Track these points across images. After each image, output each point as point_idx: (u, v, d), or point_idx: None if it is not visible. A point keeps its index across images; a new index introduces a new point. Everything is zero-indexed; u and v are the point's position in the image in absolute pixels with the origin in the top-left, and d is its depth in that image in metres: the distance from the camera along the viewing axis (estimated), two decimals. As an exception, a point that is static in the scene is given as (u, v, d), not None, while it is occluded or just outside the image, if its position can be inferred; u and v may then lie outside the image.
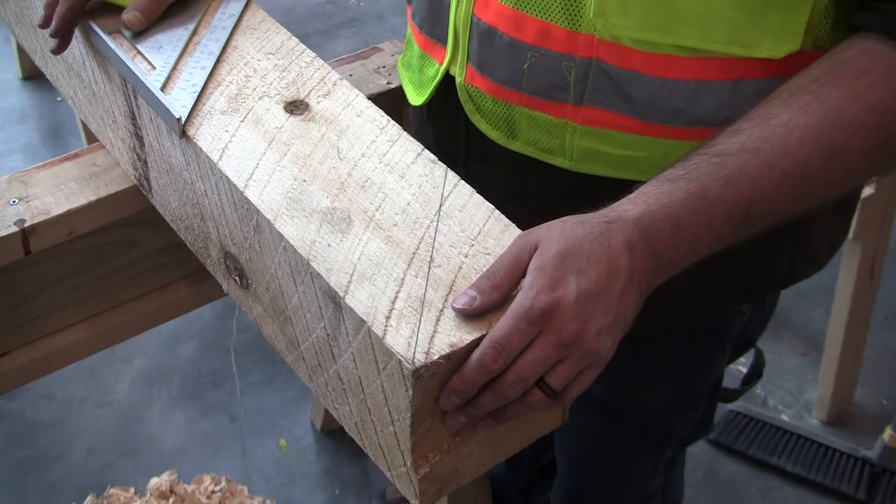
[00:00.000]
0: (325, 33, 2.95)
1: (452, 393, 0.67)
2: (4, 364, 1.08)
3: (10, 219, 1.00)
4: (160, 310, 1.16)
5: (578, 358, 0.68)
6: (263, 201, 0.76)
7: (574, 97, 0.84)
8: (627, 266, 0.69)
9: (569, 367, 0.68)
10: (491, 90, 0.89)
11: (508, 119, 0.90)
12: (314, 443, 1.86)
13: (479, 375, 0.67)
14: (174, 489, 1.63)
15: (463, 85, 0.92)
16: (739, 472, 1.81)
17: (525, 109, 0.87)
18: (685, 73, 0.80)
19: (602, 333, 0.68)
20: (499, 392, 0.68)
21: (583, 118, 0.85)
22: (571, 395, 0.70)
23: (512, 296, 0.68)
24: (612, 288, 0.68)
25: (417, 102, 1.00)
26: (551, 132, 0.87)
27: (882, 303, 1.86)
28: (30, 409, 1.91)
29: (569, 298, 0.67)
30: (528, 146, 0.90)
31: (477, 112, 0.92)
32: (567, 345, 0.67)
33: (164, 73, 0.88)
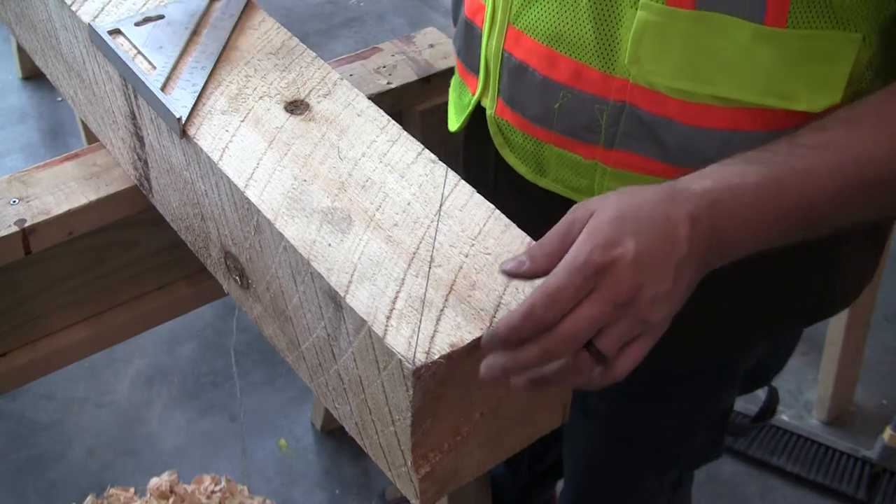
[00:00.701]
0: (325, 33, 2.95)
1: (494, 337, 0.64)
2: (4, 364, 1.08)
3: (10, 219, 1.00)
4: (160, 310, 1.16)
5: (631, 322, 0.65)
6: (264, 201, 0.76)
7: (605, 140, 0.82)
8: (687, 238, 0.66)
9: (621, 330, 0.65)
10: (521, 125, 0.88)
11: (538, 155, 0.88)
12: (314, 443, 1.86)
13: (528, 324, 0.63)
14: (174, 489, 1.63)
15: (493, 118, 0.91)
16: (739, 472, 1.81)
17: (555, 148, 0.86)
18: (720, 122, 0.78)
19: (657, 300, 0.65)
20: (547, 347, 0.64)
21: (613, 161, 0.83)
22: (622, 366, 0.66)
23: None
24: (670, 255, 0.66)
25: (453, 128, 1.00)
26: (580, 172, 0.86)
27: (882, 303, 1.86)
28: (30, 409, 1.90)
29: (626, 257, 0.64)
30: (557, 184, 0.88)
31: (506, 145, 0.91)
32: (622, 304, 0.64)
33: (165, 73, 0.88)
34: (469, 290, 0.69)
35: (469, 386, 0.69)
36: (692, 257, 0.67)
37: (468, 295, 0.69)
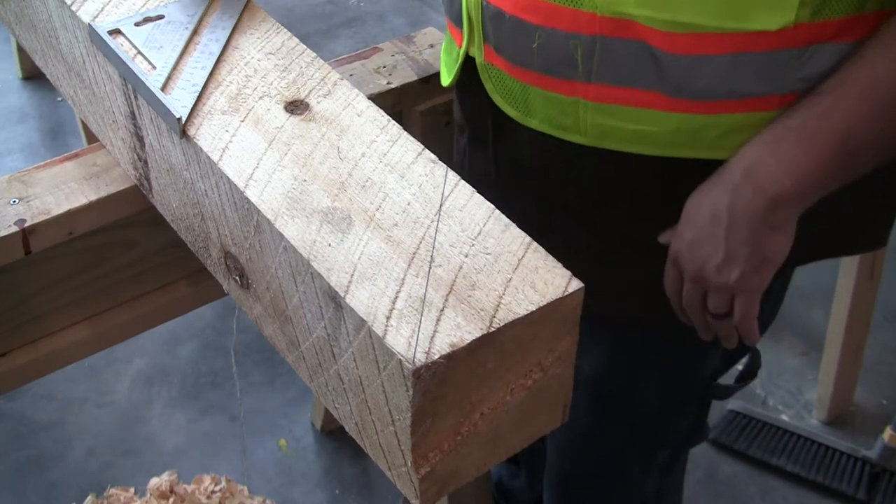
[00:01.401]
0: (325, 33, 2.95)
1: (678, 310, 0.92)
2: (4, 364, 1.08)
3: (10, 219, 1.00)
4: (160, 310, 1.16)
5: (714, 290, 0.86)
6: (264, 201, 0.76)
7: (583, 74, 0.85)
8: (727, 210, 0.82)
9: (712, 298, 0.87)
10: (507, 69, 0.91)
11: (524, 97, 0.91)
12: (314, 443, 1.86)
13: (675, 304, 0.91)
14: (174, 489, 1.63)
15: (483, 65, 0.93)
16: (739, 472, 1.81)
17: (538, 89, 0.89)
18: (685, 47, 0.81)
19: (721, 268, 0.84)
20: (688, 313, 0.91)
21: (594, 95, 0.86)
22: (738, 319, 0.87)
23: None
24: (715, 232, 0.83)
25: (446, 82, 1.02)
26: (564, 110, 0.89)
27: (882, 303, 1.86)
28: (30, 409, 1.91)
29: (682, 248, 0.86)
30: (545, 124, 0.91)
31: (497, 91, 0.93)
32: (695, 280, 0.87)
33: (165, 73, 0.88)
34: (469, 290, 0.69)
35: (469, 386, 0.69)
36: (739, 223, 0.82)
37: (468, 295, 0.69)
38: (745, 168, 0.82)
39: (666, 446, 1.18)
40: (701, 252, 0.85)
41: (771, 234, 0.83)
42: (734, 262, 0.84)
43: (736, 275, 0.84)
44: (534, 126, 0.92)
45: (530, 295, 0.69)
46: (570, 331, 0.72)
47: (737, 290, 0.85)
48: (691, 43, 0.80)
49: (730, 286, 0.85)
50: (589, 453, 1.20)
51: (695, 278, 0.86)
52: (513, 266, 0.71)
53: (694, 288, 0.87)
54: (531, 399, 0.74)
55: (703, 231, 0.84)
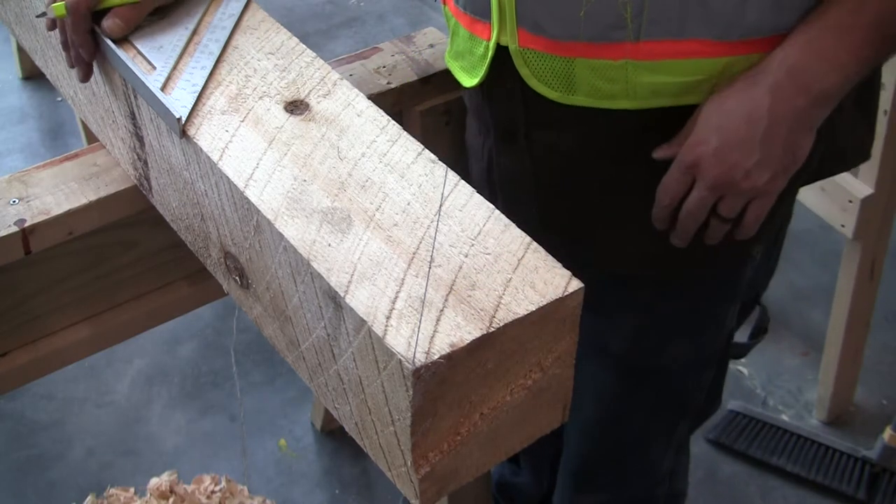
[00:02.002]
0: (325, 33, 2.95)
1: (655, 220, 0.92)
2: (4, 364, 1.08)
3: (10, 219, 1.00)
4: (160, 310, 1.16)
5: (736, 194, 0.87)
6: (264, 201, 0.76)
7: (632, 33, 0.86)
8: (768, 111, 0.83)
9: (730, 202, 0.87)
10: (547, 48, 0.90)
11: (567, 74, 0.91)
12: (314, 443, 1.86)
13: (659, 210, 0.91)
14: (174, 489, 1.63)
15: (518, 51, 0.92)
16: (739, 472, 1.81)
17: (584, 60, 0.89)
18: None
19: (752, 172, 0.85)
20: (682, 223, 0.90)
21: (644, 53, 0.87)
22: (748, 222, 0.89)
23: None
24: (751, 135, 0.84)
25: (471, 83, 1.01)
26: (612, 77, 0.89)
27: (882, 303, 1.86)
28: (30, 409, 1.91)
29: (708, 151, 0.85)
30: (589, 98, 0.91)
31: (533, 76, 0.93)
32: (716, 187, 0.86)
33: (165, 73, 0.88)
34: (469, 290, 0.69)
35: (469, 386, 0.69)
36: (780, 122, 0.83)
37: (468, 295, 0.69)
38: (788, 68, 0.82)
39: (686, 417, 1.19)
40: (731, 157, 0.84)
41: (807, 134, 0.85)
42: (768, 164, 0.84)
43: (767, 177, 0.85)
44: (578, 103, 0.92)
45: (530, 295, 0.69)
46: (569, 331, 0.72)
47: (761, 193, 0.86)
48: None
49: (758, 189, 0.86)
50: (613, 432, 1.21)
51: (717, 185, 0.86)
52: (513, 266, 0.71)
53: (711, 195, 0.87)
54: (531, 399, 0.74)
55: (735, 135, 0.84)
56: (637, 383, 1.14)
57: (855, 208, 1.59)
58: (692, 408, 1.18)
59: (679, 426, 1.19)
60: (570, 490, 1.30)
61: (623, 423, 1.19)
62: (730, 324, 1.11)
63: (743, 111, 0.84)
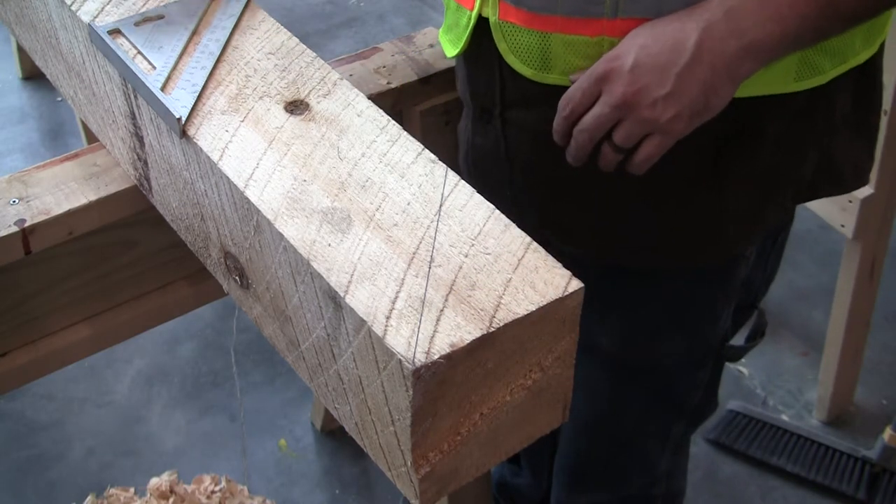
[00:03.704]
0: (325, 33, 2.95)
1: (554, 131, 0.88)
2: (4, 364, 1.08)
3: (10, 219, 1.00)
4: (160, 310, 1.16)
5: (635, 121, 0.81)
6: (264, 201, 0.76)
7: (609, 9, 0.85)
8: (695, 45, 0.79)
9: (627, 128, 0.82)
10: (526, 21, 0.89)
11: (543, 50, 0.90)
12: (314, 443, 1.86)
13: (558, 121, 0.87)
14: (174, 489, 1.63)
15: (497, 23, 0.92)
16: (739, 472, 1.81)
17: (560, 35, 0.88)
18: None
19: (658, 102, 0.80)
20: (576, 137, 0.85)
21: (619, 30, 0.86)
22: (640, 158, 0.84)
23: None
24: (671, 63, 0.79)
25: (453, 52, 1.00)
26: (588, 53, 0.88)
27: (882, 303, 1.86)
28: (30, 409, 1.91)
29: (623, 67, 0.81)
30: (564, 75, 0.90)
31: (511, 51, 0.92)
32: (619, 106, 0.81)
33: (165, 73, 0.88)
34: (469, 290, 0.69)
35: (469, 386, 0.69)
36: (702, 61, 0.79)
37: (468, 295, 0.69)
38: (726, 9, 0.79)
39: (682, 418, 1.18)
40: (643, 79, 0.80)
41: (727, 84, 0.80)
42: (677, 100, 0.80)
43: (671, 114, 0.80)
44: (551, 81, 0.91)
45: (530, 295, 0.69)
46: (569, 331, 0.72)
47: (660, 129, 0.81)
48: None
49: (658, 123, 0.81)
50: (608, 430, 1.20)
51: (620, 104, 0.81)
52: (513, 266, 0.71)
53: (611, 113, 0.82)
54: (531, 399, 0.74)
55: (656, 59, 0.79)
56: (629, 382, 1.14)
57: (855, 208, 1.59)
58: (687, 408, 1.17)
59: (674, 426, 1.19)
60: (566, 490, 1.29)
61: (616, 422, 1.19)
62: (723, 324, 1.10)
63: (670, 38, 0.80)
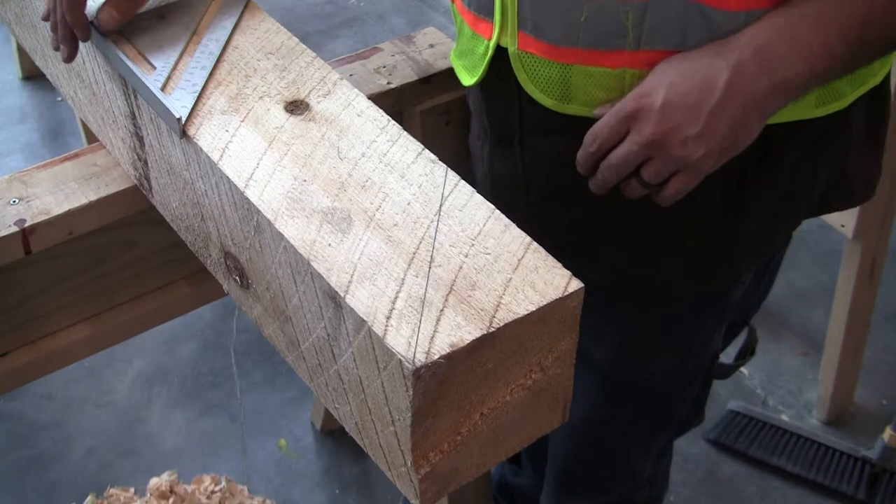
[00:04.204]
0: (325, 33, 2.95)
1: (578, 163, 0.86)
2: (4, 364, 1.08)
3: (10, 219, 1.00)
4: (160, 310, 1.16)
5: (665, 160, 0.81)
6: (264, 201, 0.76)
7: (632, 42, 0.84)
8: (725, 84, 0.78)
9: (657, 166, 0.81)
10: (545, 52, 0.89)
11: (564, 81, 0.89)
12: (314, 443, 1.86)
13: (584, 155, 0.85)
14: (174, 489, 1.63)
15: (516, 53, 0.91)
16: (739, 472, 1.81)
17: (581, 67, 0.87)
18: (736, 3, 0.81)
19: (689, 141, 0.79)
20: (602, 172, 0.84)
21: (641, 63, 0.85)
22: (669, 193, 0.83)
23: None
24: (702, 102, 0.79)
25: (470, 82, 0.99)
26: (609, 85, 0.88)
27: (882, 303, 1.86)
28: (30, 409, 1.91)
29: (653, 105, 0.80)
30: (585, 106, 0.90)
31: (530, 81, 0.92)
32: (648, 145, 0.80)
33: (165, 73, 0.88)
34: (469, 290, 0.69)
35: (469, 386, 0.69)
36: (734, 100, 0.79)
37: (468, 295, 0.69)
38: (756, 47, 0.78)
39: (668, 428, 1.18)
40: (674, 118, 0.79)
41: (756, 121, 0.80)
42: (708, 139, 0.79)
43: (701, 153, 0.80)
44: (572, 112, 0.91)
45: (530, 295, 0.69)
46: (570, 331, 0.72)
47: (690, 167, 0.81)
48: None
49: (688, 162, 0.80)
50: (595, 439, 1.21)
51: (650, 143, 0.80)
52: (513, 266, 0.71)
53: (640, 152, 0.81)
54: (531, 399, 0.74)
55: (686, 97, 0.79)
56: (619, 395, 1.14)
57: (855, 208, 1.59)
58: (673, 420, 1.18)
59: (660, 436, 1.19)
60: (554, 492, 1.30)
61: (603, 431, 1.19)
62: (715, 344, 1.10)
63: (700, 76, 0.79)
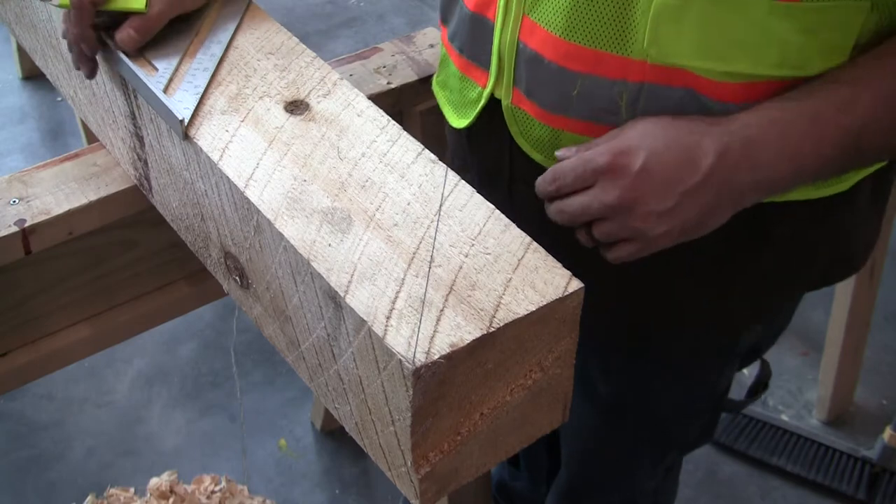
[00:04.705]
0: (325, 33, 2.95)
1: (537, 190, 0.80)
2: (4, 364, 1.08)
3: (10, 219, 1.00)
4: (160, 310, 1.16)
5: (622, 226, 0.76)
6: (264, 201, 0.76)
7: (624, 118, 0.82)
8: (708, 168, 0.73)
9: (611, 228, 0.76)
10: (537, 114, 0.86)
11: (554, 142, 0.87)
12: (314, 443, 1.86)
13: (541, 189, 0.79)
14: (174, 489, 1.63)
15: (510, 108, 0.89)
16: (739, 472, 1.81)
17: (571, 134, 0.85)
18: (734, 96, 0.78)
19: (652, 216, 0.74)
20: (553, 213, 0.79)
21: None
22: (613, 255, 0.78)
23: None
24: (680, 181, 0.74)
25: (460, 125, 0.97)
26: None
27: (882, 303, 1.86)
28: (30, 409, 1.90)
29: (629, 169, 0.74)
30: None
31: (521, 135, 0.90)
32: (610, 206, 0.75)
33: (167, 75, 0.88)
34: (469, 290, 0.69)
35: (469, 386, 0.69)
36: (711, 187, 0.74)
37: (468, 295, 0.69)
38: (746, 138, 0.74)
39: (673, 451, 1.18)
40: (645, 188, 0.74)
41: (727, 210, 0.76)
42: (672, 219, 0.75)
43: (661, 230, 0.75)
44: None
45: (530, 295, 0.69)
46: (569, 331, 0.72)
47: (644, 240, 0.76)
48: (743, 91, 0.78)
49: (644, 235, 0.75)
50: (597, 460, 1.21)
51: (614, 206, 0.75)
52: (513, 266, 0.71)
53: (599, 210, 0.76)
54: (531, 399, 0.74)
55: (664, 171, 0.74)
56: (620, 426, 1.13)
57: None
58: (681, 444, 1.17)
59: (666, 458, 1.19)
60: None
61: (607, 455, 1.19)
62: (726, 380, 1.08)
63: (685, 152, 0.74)
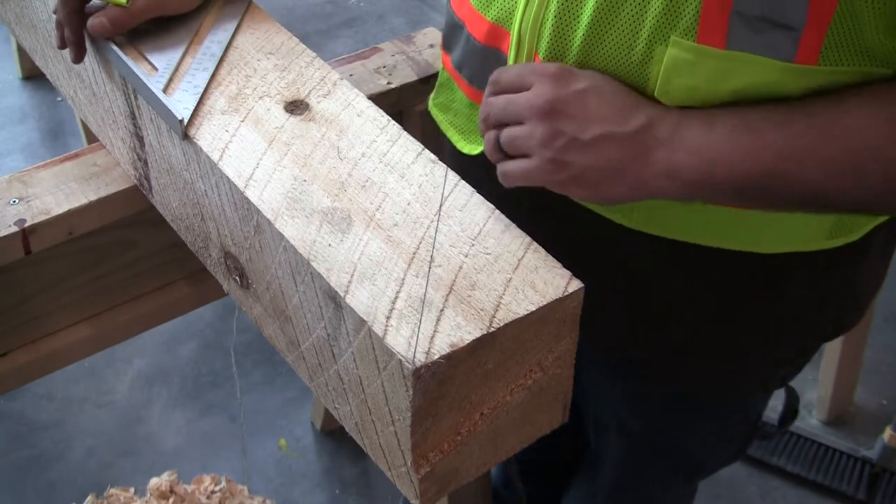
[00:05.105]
0: (325, 33, 2.95)
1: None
2: (4, 364, 1.08)
3: (10, 219, 1.00)
4: (160, 310, 1.16)
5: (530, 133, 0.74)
6: (264, 201, 0.76)
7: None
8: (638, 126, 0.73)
9: (521, 131, 0.75)
10: None
11: None
12: (314, 443, 1.86)
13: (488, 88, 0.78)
14: (174, 489, 1.63)
15: None
16: (739, 472, 1.81)
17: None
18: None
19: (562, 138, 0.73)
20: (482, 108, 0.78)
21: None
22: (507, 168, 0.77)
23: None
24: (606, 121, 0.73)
25: (472, 151, 0.95)
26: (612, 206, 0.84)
27: (882, 303, 1.86)
28: (30, 409, 1.90)
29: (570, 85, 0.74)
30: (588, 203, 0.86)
31: None
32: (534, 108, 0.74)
33: (167, 75, 0.88)
34: (469, 290, 0.69)
35: (469, 386, 0.69)
36: (628, 145, 0.73)
37: (468, 295, 0.69)
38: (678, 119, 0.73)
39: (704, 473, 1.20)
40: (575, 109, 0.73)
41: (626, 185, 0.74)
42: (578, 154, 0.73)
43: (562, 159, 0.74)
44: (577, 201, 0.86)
45: (530, 295, 0.69)
46: (570, 331, 0.72)
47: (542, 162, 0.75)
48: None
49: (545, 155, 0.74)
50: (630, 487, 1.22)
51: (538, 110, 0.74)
52: (513, 266, 0.71)
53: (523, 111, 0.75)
54: (531, 399, 0.74)
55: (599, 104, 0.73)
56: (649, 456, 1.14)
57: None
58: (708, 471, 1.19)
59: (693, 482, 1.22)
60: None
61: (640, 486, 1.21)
62: (754, 414, 1.08)
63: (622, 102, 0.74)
